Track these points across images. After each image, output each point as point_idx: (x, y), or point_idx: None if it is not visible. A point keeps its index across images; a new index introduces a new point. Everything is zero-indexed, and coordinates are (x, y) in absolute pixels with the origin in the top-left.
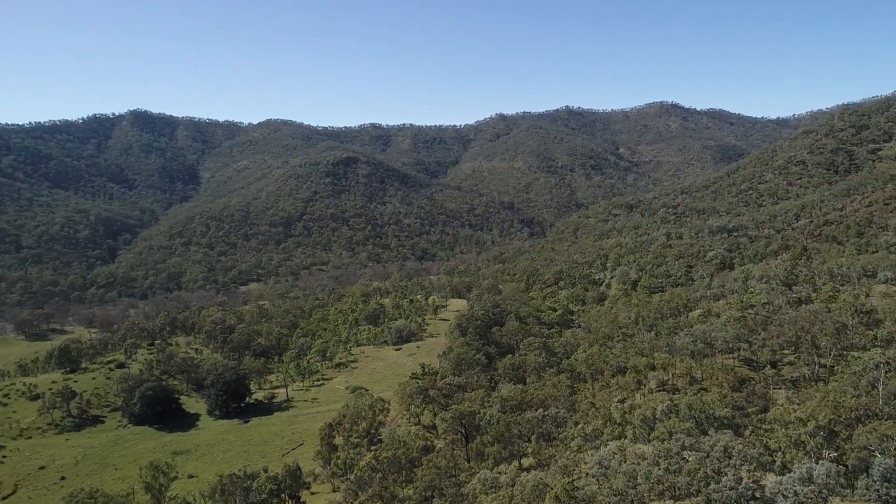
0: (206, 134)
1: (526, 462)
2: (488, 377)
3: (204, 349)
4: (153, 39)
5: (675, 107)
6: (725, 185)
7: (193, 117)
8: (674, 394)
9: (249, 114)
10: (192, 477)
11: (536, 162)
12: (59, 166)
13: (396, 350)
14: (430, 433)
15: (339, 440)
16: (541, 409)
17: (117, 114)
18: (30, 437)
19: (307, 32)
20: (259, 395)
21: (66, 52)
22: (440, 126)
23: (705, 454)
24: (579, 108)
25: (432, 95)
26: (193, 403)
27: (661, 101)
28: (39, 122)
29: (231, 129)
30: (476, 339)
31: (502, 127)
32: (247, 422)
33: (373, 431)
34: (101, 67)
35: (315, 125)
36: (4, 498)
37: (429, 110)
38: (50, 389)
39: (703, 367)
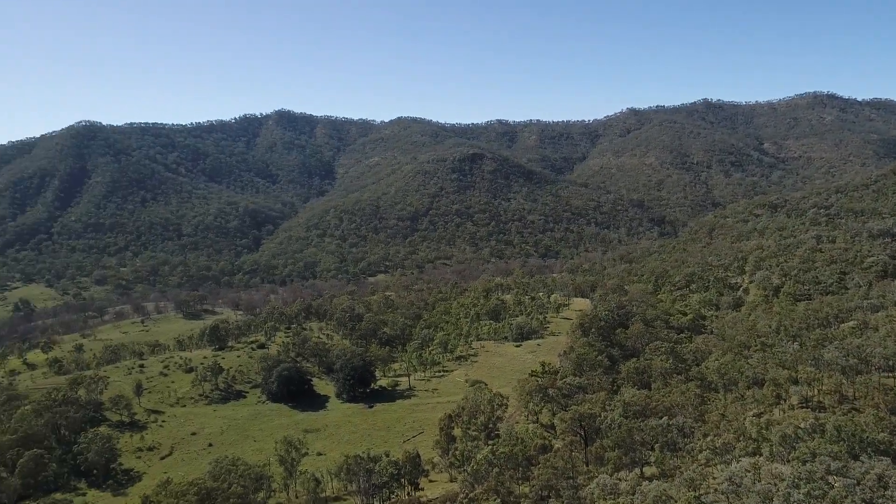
0: (342, 132)
1: (648, 471)
2: (610, 380)
3: (334, 335)
4: (298, 43)
5: (831, 97)
6: (890, 183)
7: (331, 116)
8: (819, 412)
9: (382, 112)
10: (321, 455)
11: (669, 158)
12: (214, 162)
13: (516, 346)
14: (549, 432)
15: (457, 431)
16: (666, 417)
17: (264, 114)
18: (184, 406)
19: (438, 32)
20: (383, 381)
21: (222, 56)
22: (567, 122)
23: (855, 482)
24: (719, 100)
25: (560, 91)
26: (323, 386)
27: (814, 92)
28: (199, 123)
29: (364, 126)
30: (599, 340)
31: (633, 122)
32: (371, 407)
33: (490, 426)
34: (253, 70)
35: (443, 122)
36: (163, 458)
37: (556, 106)
38: (202, 364)
39: (855, 384)
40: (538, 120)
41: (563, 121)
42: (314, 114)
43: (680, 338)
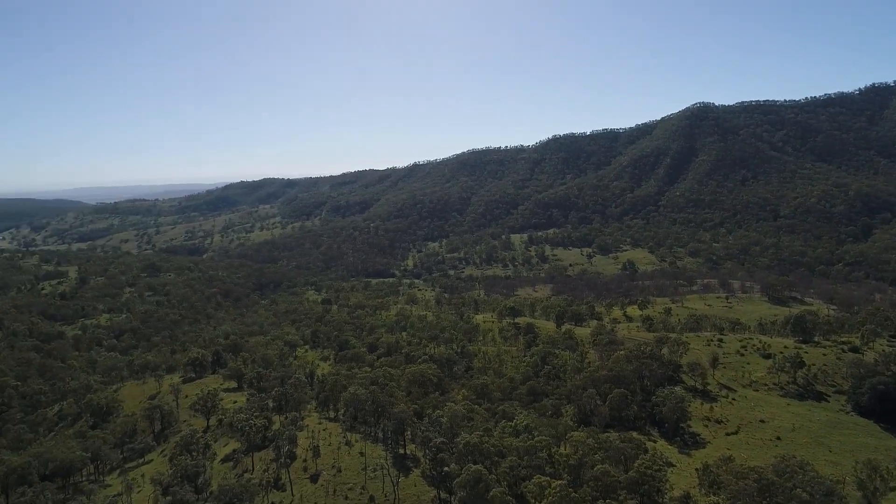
0: None
1: None
2: None
3: None
4: None
5: None
6: None
7: None
8: None
9: None
10: None
11: None
12: (825, 140)
13: None
14: None
15: None
16: None
17: None
18: (756, 391)
19: None
20: None
21: (845, 22)
22: None
23: None
24: None
25: None
26: None
27: None
28: (814, 97)
29: None
30: None
31: None
32: None
33: None
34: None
35: None
36: (728, 434)
37: None
38: (781, 353)
39: None
40: None
41: None
42: None
43: None
